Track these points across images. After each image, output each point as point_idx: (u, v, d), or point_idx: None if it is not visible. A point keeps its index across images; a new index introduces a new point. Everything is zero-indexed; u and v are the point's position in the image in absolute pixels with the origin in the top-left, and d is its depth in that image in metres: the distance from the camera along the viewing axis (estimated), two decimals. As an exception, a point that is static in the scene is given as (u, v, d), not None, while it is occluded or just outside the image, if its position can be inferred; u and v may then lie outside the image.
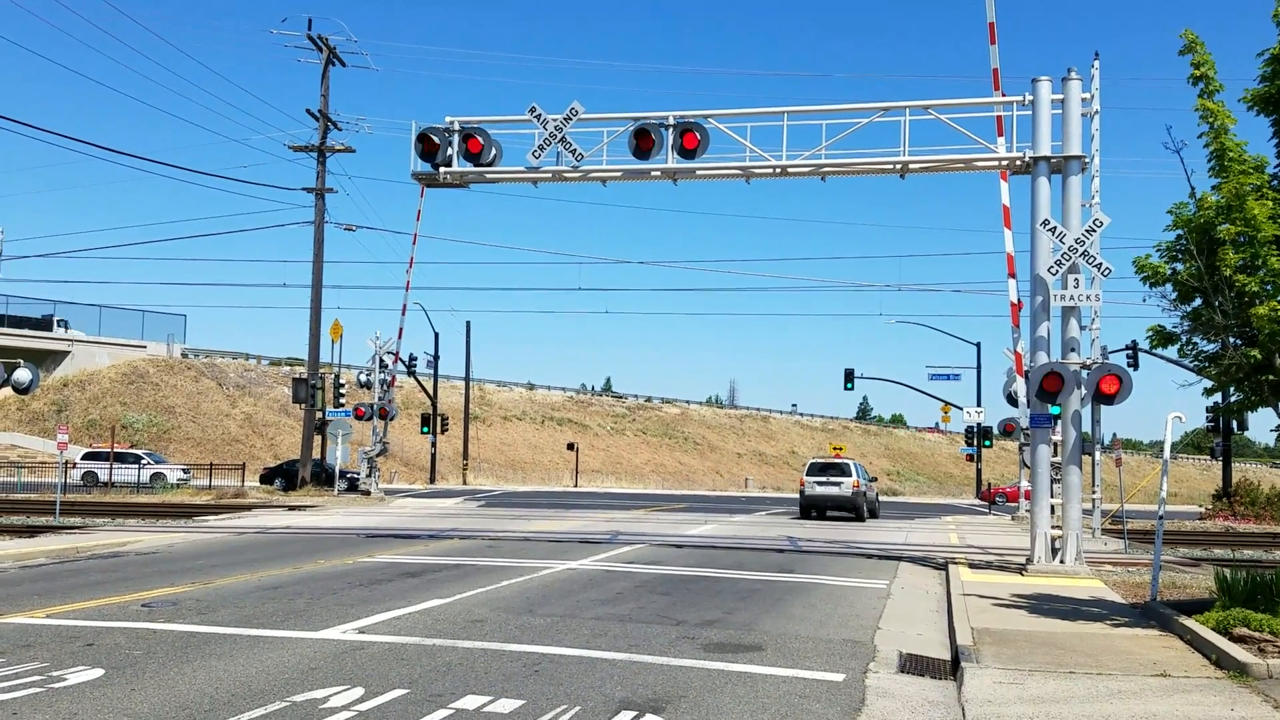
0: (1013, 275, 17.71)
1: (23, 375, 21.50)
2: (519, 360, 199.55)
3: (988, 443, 51.02)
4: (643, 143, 18.14)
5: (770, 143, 18.14)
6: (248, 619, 10.12)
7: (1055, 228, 15.74)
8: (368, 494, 36.96)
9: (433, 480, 58.63)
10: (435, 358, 58.54)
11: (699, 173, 18.62)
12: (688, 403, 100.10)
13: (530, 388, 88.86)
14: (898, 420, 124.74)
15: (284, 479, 41.01)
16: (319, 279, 39.99)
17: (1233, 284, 10.03)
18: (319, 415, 40.68)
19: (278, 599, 11.50)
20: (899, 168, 17.84)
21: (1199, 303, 10.77)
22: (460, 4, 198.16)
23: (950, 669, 8.73)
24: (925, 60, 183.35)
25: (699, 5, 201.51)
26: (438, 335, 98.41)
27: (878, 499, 35.48)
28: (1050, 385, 15.34)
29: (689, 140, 18.05)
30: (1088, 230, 15.52)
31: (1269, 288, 9.87)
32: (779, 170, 18.20)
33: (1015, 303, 17.91)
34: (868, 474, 34.36)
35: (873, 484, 34.26)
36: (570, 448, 68.83)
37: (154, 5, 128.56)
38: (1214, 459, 52.67)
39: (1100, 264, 15.42)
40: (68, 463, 35.65)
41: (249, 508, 30.52)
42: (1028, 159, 16.72)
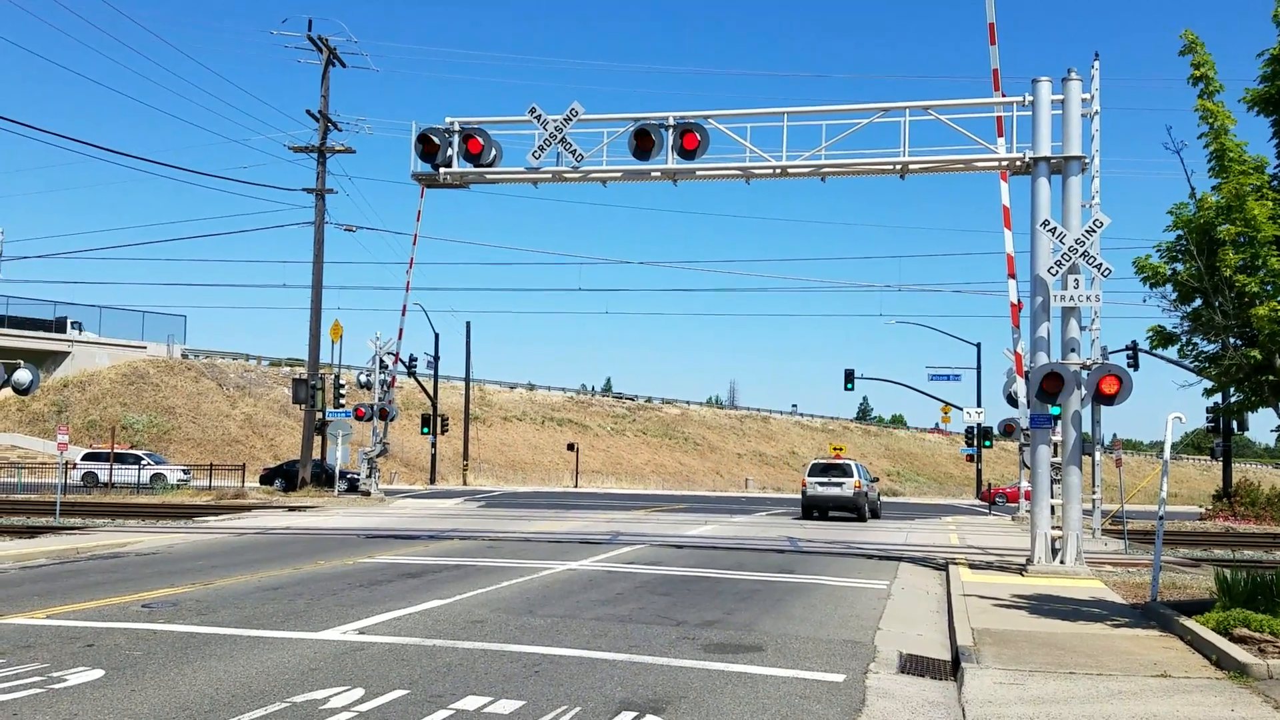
0: (1013, 276, 17.72)
1: (23, 376, 21.49)
2: (519, 361, 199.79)
3: (988, 443, 51.07)
4: (643, 143, 18.15)
5: (770, 143, 18.17)
6: (248, 620, 10.12)
7: (1055, 228, 15.74)
8: (368, 495, 36.97)
9: (433, 481, 58.64)
10: (435, 358, 58.58)
11: (699, 173, 18.63)
12: (688, 403, 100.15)
13: (530, 388, 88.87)
14: (898, 421, 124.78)
15: (284, 480, 41.02)
16: (319, 280, 40.03)
17: (1233, 284, 10.03)
18: (319, 416, 40.69)
19: (278, 600, 11.50)
20: (899, 168, 17.84)
21: (1199, 303, 10.77)
22: (460, 4, 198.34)
23: (951, 669, 8.73)
24: (925, 60, 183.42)
25: (699, 5, 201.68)
26: (438, 336, 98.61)
27: (880, 499, 35.50)
28: (1050, 386, 15.35)
29: (689, 141, 18.05)
30: (1088, 231, 15.52)
31: (1269, 288, 9.86)
32: (779, 171, 18.21)
33: (1015, 303, 17.92)
34: (869, 474, 34.39)
35: (874, 484, 34.28)
36: (570, 448, 68.86)
37: (154, 5, 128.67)
38: (1214, 459, 52.70)
39: (1100, 264, 15.42)
40: (68, 463, 35.65)
41: (249, 508, 30.52)
42: (1028, 159, 16.72)
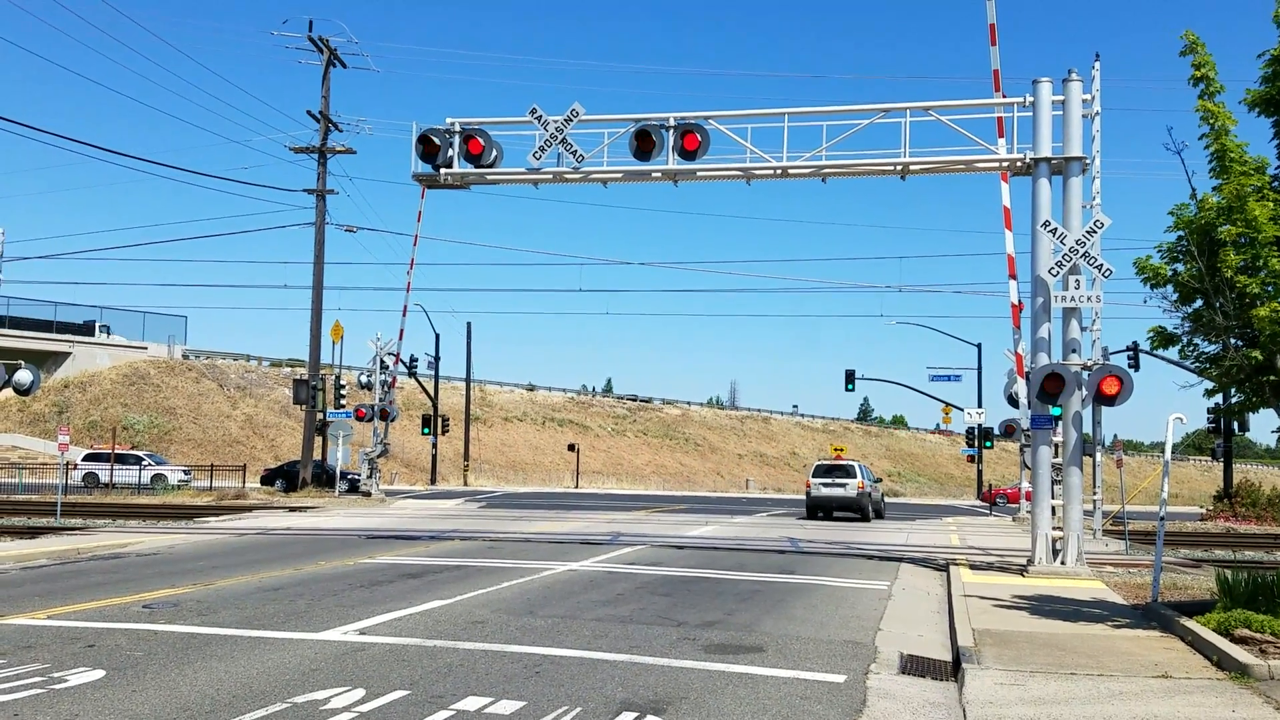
0: (1013, 276, 17.74)
1: (24, 376, 21.49)
2: (519, 361, 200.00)
3: (988, 444, 51.12)
4: (643, 144, 18.14)
5: (771, 144, 18.15)
6: (249, 620, 10.12)
7: (1056, 229, 15.73)
8: (368, 495, 36.98)
9: (433, 481, 58.64)
10: (436, 359, 58.59)
11: (700, 174, 18.63)
12: (688, 404, 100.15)
13: (531, 389, 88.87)
14: (899, 421, 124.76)
15: (285, 480, 41.04)
16: (320, 280, 40.05)
17: (1234, 285, 10.02)
18: (320, 416, 40.70)
19: (279, 600, 11.50)
20: (900, 169, 17.83)
21: (1200, 304, 10.76)
22: (460, 4, 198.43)
23: (951, 670, 8.73)
24: (925, 61, 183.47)
25: (699, 5, 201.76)
26: (438, 336, 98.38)
27: (883, 499, 35.53)
28: (1051, 386, 15.34)
29: (689, 141, 18.05)
30: (1088, 231, 15.52)
31: (1270, 289, 9.85)
32: (780, 171, 18.20)
33: (1016, 304, 17.94)
34: (873, 475, 34.40)
35: (878, 485, 34.33)
36: (571, 449, 68.89)
37: (154, 6, 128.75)
38: (1215, 460, 52.73)
39: (1101, 265, 15.41)
40: (69, 464, 35.68)
41: (250, 509, 30.53)
42: (1028, 160, 16.71)
